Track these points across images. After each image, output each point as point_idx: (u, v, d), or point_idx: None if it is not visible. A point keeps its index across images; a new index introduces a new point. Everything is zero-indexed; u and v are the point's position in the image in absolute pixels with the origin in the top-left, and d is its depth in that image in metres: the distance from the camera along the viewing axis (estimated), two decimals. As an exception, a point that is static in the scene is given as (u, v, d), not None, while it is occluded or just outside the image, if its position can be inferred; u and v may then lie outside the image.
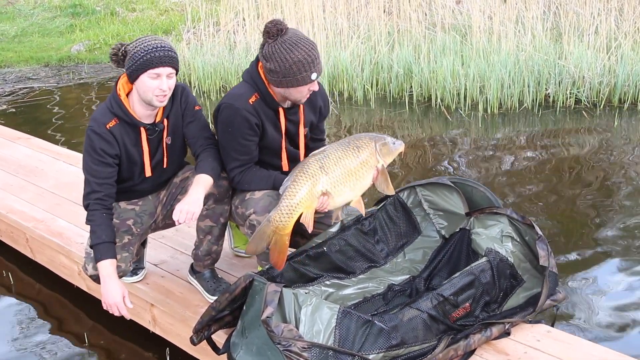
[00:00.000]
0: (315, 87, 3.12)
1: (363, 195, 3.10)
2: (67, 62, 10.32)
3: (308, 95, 3.15)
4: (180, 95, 3.23)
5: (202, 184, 3.06)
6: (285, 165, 3.30)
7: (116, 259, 3.11)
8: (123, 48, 3.06)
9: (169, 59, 3.01)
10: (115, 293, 3.04)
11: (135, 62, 2.99)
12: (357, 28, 8.56)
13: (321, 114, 3.37)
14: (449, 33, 8.22)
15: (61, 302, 4.18)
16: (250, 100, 3.13)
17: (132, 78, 3.04)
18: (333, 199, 2.94)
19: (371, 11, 8.67)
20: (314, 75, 3.05)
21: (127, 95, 3.13)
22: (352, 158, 2.96)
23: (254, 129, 3.14)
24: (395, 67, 7.79)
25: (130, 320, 3.71)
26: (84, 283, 3.96)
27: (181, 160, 3.40)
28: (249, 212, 3.13)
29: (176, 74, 3.09)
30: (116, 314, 3.10)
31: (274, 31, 3.02)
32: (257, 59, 3.18)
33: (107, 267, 3.06)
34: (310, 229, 2.94)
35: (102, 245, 3.06)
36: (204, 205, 3.05)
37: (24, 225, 4.34)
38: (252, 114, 3.12)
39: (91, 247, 3.11)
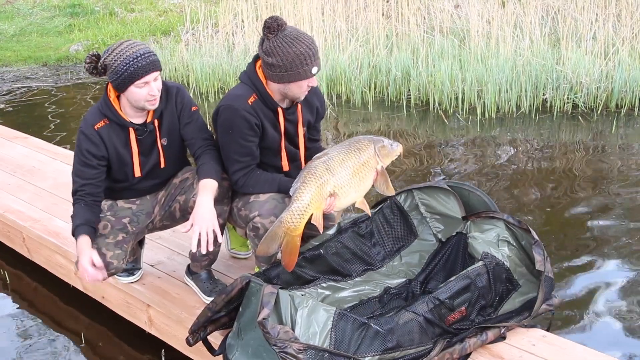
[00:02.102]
0: (315, 83, 3.15)
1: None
2: (65, 62, 10.33)
3: (307, 92, 3.17)
4: (175, 96, 3.23)
5: (208, 190, 3.06)
6: (285, 166, 3.31)
7: (89, 236, 3.09)
8: (102, 61, 3.03)
9: (153, 65, 3.01)
10: (83, 262, 3.02)
11: (119, 75, 2.99)
12: (356, 31, 8.58)
13: (318, 114, 3.39)
14: (447, 37, 8.24)
15: (57, 302, 4.18)
16: (249, 101, 3.14)
17: (120, 89, 3.05)
18: (339, 200, 2.97)
19: (370, 14, 8.68)
20: (314, 69, 3.08)
21: (118, 96, 3.14)
22: (354, 160, 2.99)
23: (254, 129, 3.15)
24: (393, 71, 7.80)
25: (126, 320, 3.72)
26: (80, 283, 3.96)
27: (181, 160, 3.40)
28: (253, 215, 3.14)
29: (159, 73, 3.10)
30: (90, 279, 3.05)
31: (274, 26, 3.05)
32: (254, 60, 3.19)
33: (81, 242, 3.05)
34: (321, 230, 2.96)
35: (77, 228, 3.09)
36: None
37: (20, 224, 4.34)
38: (252, 114, 3.13)
39: (72, 235, 3.13)
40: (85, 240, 3.08)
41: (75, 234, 3.11)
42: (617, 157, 6.13)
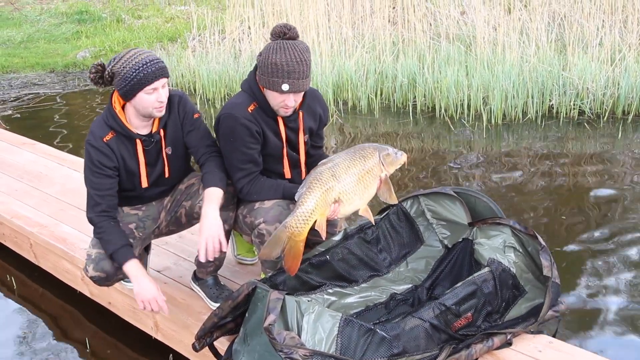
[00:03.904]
0: (290, 104, 3.11)
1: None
2: (72, 69, 10.37)
3: (284, 110, 3.14)
4: (177, 105, 3.24)
5: (213, 199, 3.07)
6: (287, 173, 3.32)
7: (138, 258, 3.15)
8: (109, 70, 3.02)
9: (162, 71, 3.02)
10: (150, 288, 3.08)
11: (129, 82, 2.99)
12: (362, 37, 8.59)
13: (321, 121, 3.40)
14: (453, 43, 8.24)
15: (64, 307, 4.20)
16: (249, 109, 3.16)
17: (128, 97, 3.04)
18: (344, 206, 2.98)
19: (376, 21, 8.70)
20: (285, 87, 3.04)
21: (123, 107, 3.15)
22: (359, 167, 3.00)
23: (255, 137, 3.16)
24: (399, 77, 7.81)
25: (133, 326, 3.73)
26: (87, 288, 3.97)
27: (185, 168, 3.41)
28: (259, 222, 3.15)
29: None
30: (155, 308, 3.11)
31: (276, 31, 3.08)
32: (255, 69, 3.21)
33: (134, 266, 3.10)
34: (324, 236, 2.97)
35: (122, 249, 3.10)
36: None
37: (28, 230, 4.35)
38: (252, 121, 3.14)
39: (110, 256, 3.13)
40: (140, 265, 3.13)
41: (123, 254, 3.10)
42: (623, 164, 6.12)
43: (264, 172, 3.27)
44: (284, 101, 3.10)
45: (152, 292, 3.08)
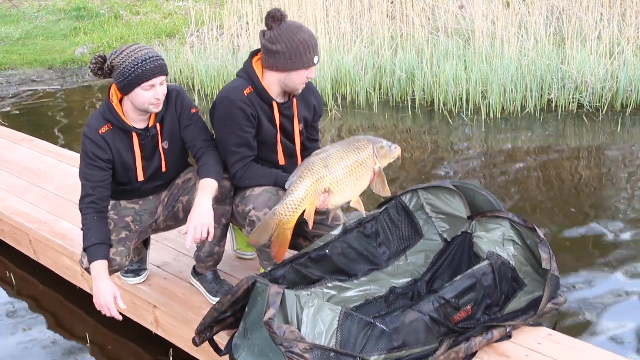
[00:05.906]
0: (313, 75, 3.21)
1: (364, 197, 3.13)
2: (70, 65, 10.35)
3: (304, 85, 3.22)
4: (175, 99, 3.25)
5: (207, 189, 3.08)
6: (281, 160, 3.33)
7: (108, 259, 3.12)
8: (109, 62, 3.04)
9: (160, 69, 3.03)
10: (105, 292, 3.04)
11: (127, 76, 3.00)
12: (360, 32, 8.58)
13: (315, 112, 3.41)
14: (451, 37, 8.24)
15: (63, 303, 4.20)
16: (244, 92, 3.19)
17: (125, 91, 3.06)
18: (334, 197, 3.02)
19: (374, 15, 8.69)
20: (316, 59, 3.17)
21: (120, 100, 3.16)
22: (352, 158, 3.04)
23: (250, 120, 3.18)
24: (398, 71, 7.81)
25: (133, 321, 3.73)
26: (86, 284, 3.97)
27: (182, 162, 3.41)
28: (249, 209, 3.15)
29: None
30: (107, 314, 3.08)
31: (278, 16, 3.14)
32: (250, 56, 3.25)
33: (97, 267, 3.07)
34: (311, 225, 3.00)
35: (92, 247, 3.09)
36: None
37: (27, 226, 4.35)
38: (248, 104, 3.17)
39: (84, 250, 3.13)
40: (105, 267, 3.09)
41: (92, 253, 3.08)
42: (622, 156, 6.12)
43: (258, 161, 3.28)
44: (309, 75, 3.20)
45: (106, 298, 3.04)
